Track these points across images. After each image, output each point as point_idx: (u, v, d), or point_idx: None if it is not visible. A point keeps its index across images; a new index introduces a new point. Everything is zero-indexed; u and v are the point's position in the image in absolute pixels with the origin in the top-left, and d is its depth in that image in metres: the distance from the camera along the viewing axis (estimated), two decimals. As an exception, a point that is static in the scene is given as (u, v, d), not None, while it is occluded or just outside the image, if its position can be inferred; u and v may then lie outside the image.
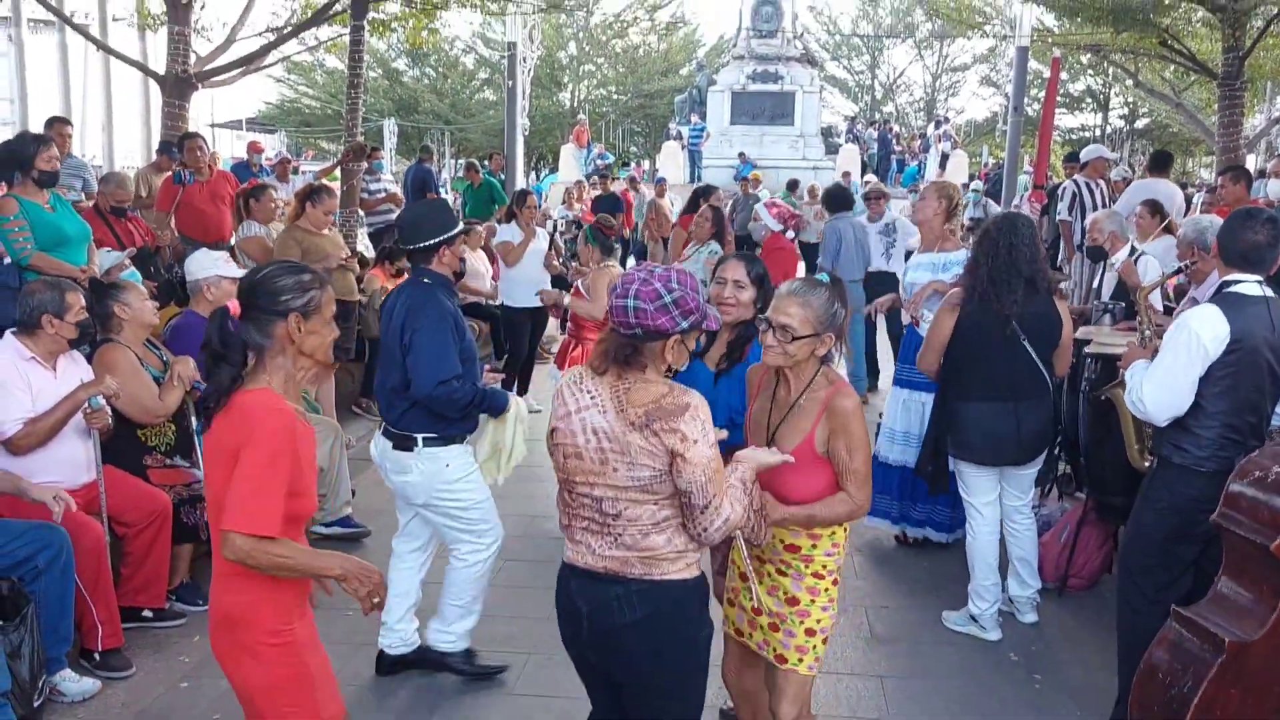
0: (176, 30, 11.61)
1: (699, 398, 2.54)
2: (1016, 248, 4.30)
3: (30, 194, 5.44)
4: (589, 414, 2.54)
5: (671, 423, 2.45)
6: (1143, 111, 34.79)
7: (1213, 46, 15.65)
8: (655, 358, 2.55)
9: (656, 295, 2.48)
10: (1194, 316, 3.42)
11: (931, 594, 4.97)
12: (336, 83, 33.61)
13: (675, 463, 2.45)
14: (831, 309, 2.91)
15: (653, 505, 2.52)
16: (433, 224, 3.90)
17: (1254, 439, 3.46)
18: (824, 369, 2.98)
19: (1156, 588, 3.60)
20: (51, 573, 3.76)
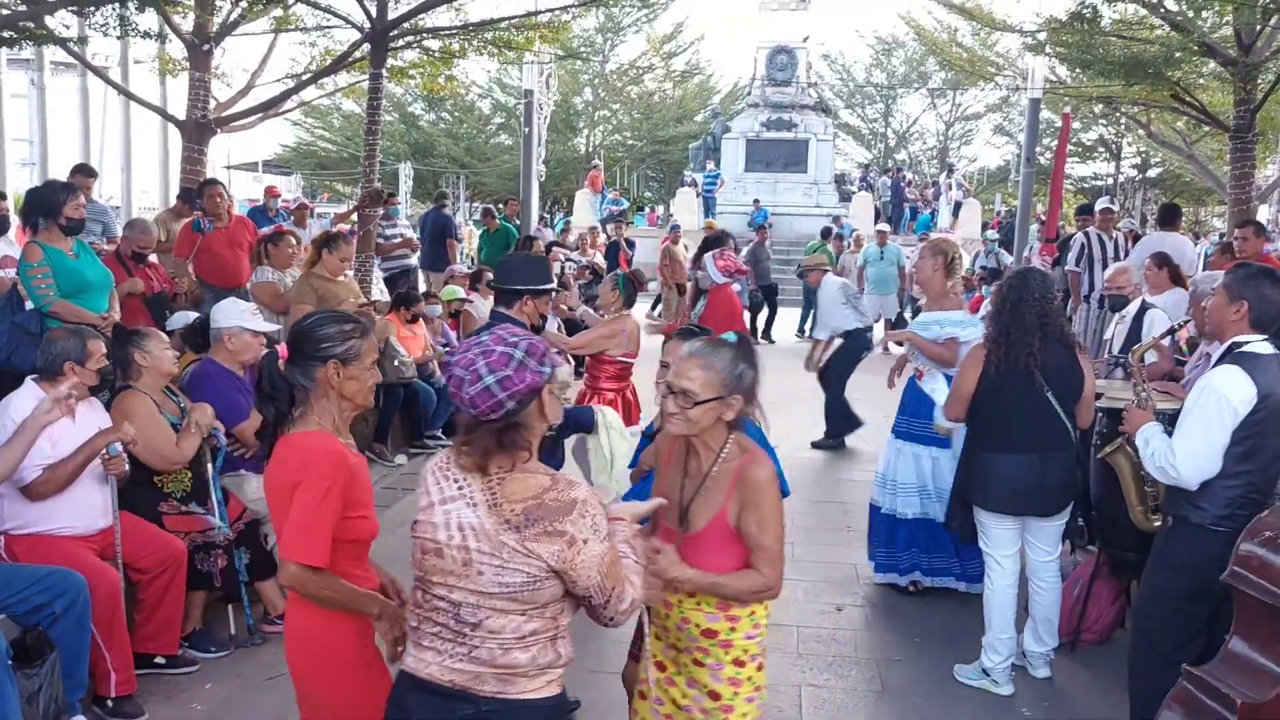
0: (197, 76, 11.82)
1: (587, 490, 2.28)
2: (1025, 301, 4.36)
3: (55, 240, 5.52)
4: (455, 507, 2.25)
5: (557, 524, 2.19)
6: (1155, 160, 34.90)
7: (1224, 99, 15.77)
8: (534, 423, 2.29)
9: (507, 358, 2.23)
10: (1219, 380, 3.43)
11: (943, 647, 4.94)
12: (353, 126, 34.04)
13: (565, 572, 2.21)
14: (736, 370, 2.70)
15: (520, 617, 2.24)
16: (524, 275, 4.35)
17: (1271, 497, 3.47)
18: (735, 436, 2.77)
19: (1172, 647, 3.59)
20: (68, 619, 3.79)
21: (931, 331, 5.42)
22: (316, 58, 13.81)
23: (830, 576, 5.85)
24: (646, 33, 38.64)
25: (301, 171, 39.49)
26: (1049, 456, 4.38)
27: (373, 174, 11.11)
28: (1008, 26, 16.97)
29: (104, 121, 24.06)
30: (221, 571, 4.65)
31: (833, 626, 5.18)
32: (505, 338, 2.29)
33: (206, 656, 4.61)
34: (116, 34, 8.63)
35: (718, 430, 2.75)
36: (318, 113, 34.83)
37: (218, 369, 5.07)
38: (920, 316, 5.72)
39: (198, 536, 4.62)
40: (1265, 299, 3.50)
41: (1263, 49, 13.31)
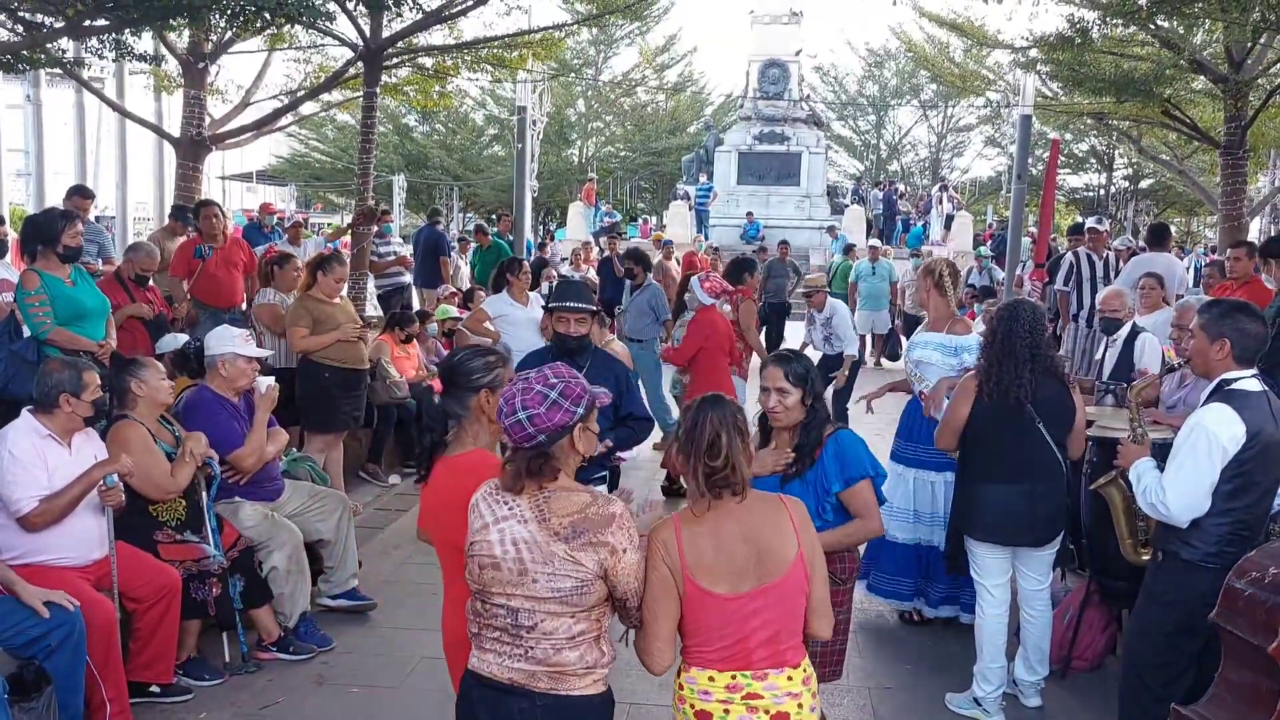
0: (192, 94, 11.86)
1: (621, 506, 2.57)
2: (1015, 334, 4.39)
3: (52, 268, 5.55)
4: (508, 525, 2.53)
5: (600, 535, 2.49)
6: (1146, 171, 35.06)
7: (1215, 115, 15.87)
8: (566, 456, 2.57)
9: (541, 398, 2.51)
10: (1209, 418, 3.45)
11: (935, 674, 4.96)
12: (347, 137, 34.08)
13: (608, 576, 2.51)
14: None
15: (569, 619, 2.52)
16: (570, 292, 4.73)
17: (1261, 531, 3.51)
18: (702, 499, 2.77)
19: (1162, 682, 3.62)
20: (64, 651, 3.80)
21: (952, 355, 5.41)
22: (310, 74, 13.86)
23: (823, 601, 5.86)
24: (640, 45, 38.80)
25: (295, 182, 39.51)
26: (1039, 487, 4.41)
27: (366, 192, 11.15)
28: (999, 43, 17.07)
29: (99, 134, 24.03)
30: (216, 599, 4.67)
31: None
32: (548, 377, 2.56)
33: (201, 685, 4.61)
34: (112, 57, 8.66)
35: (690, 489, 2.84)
36: (312, 124, 34.88)
37: (212, 396, 5.08)
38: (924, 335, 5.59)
39: (192, 565, 4.62)
40: (1245, 333, 3.54)
41: (1253, 66, 13.42)
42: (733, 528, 2.67)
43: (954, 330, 5.47)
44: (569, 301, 4.62)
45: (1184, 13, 11.14)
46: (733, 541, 2.66)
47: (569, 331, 4.58)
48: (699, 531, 2.66)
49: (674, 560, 2.63)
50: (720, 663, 2.67)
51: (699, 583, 2.64)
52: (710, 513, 2.68)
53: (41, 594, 3.83)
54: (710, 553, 2.65)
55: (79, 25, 7.69)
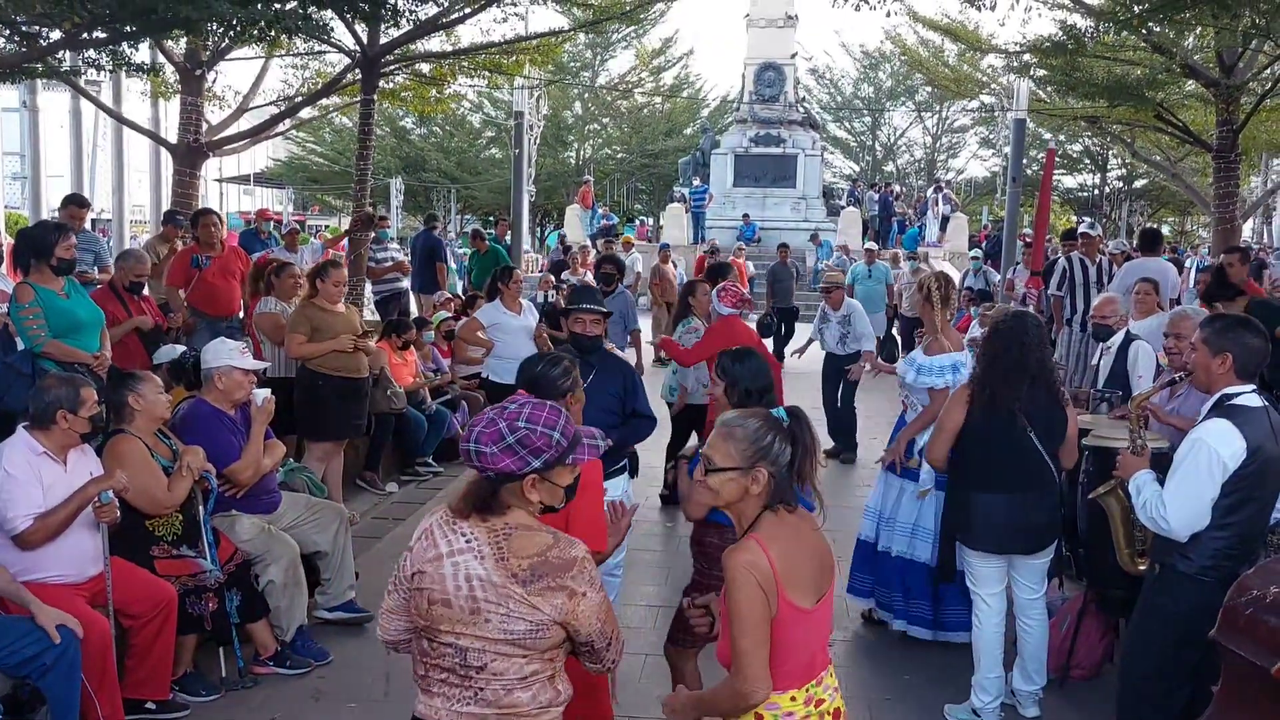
0: (189, 100, 11.85)
1: (583, 549, 2.46)
2: (1027, 347, 4.40)
3: (46, 280, 5.54)
4: (464, 560, 2.41)
5: (559, 579, 2.38)
6: (1140, 171, 35.13)
7: (1207, 118, 15.91)
8: (517, 499, 2.44)
9: (499, 436, 2.39)
10: (1210, 434, 3.46)
11: (933, 686, 4.96)
12: (344, 140, 34.05)
13: (567, 622, 2.40)
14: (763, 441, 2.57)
15: (521, 659, 2.41)
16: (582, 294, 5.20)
17: (1259, 544, 3.52)
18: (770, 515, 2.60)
19: (1159, 694, 3.63)
20: (59, 670, 3.79)
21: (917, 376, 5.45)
22: (308, 80, 13.86)
23: (821, 610, 5.87)
24: (636, 48, 38.81)
25: (293, 185, 39.50)
26: (1033, 496, 4.43)
27: (364, 197, 11.16)
28: (992, 47, 17.11)
29: (95, 138, 24.03)
30: (212, 614, 4.65)
31: (823, 663, 5.19)
32: (516, 419, 2.42)
33: (197, 700, 4.60)
34: (110, 68, 8.66)
35: (750, 505, 2.60)
36: (309, 127, 34.88)
37: (209, 409, 5.07)
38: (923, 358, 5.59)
39: (189, 580, 4.61)
40: (1247, 348, 3.54)
41: (1244, 70, 13.47)
42: (801, 538, 2.60)
43: (930, 348, 5.51)
44: (585, 304, 5.05)
45: (1175, 19, 11.16)
46: (804, 552, 2.58)
47: (585, 332, 4.96)
48: (783, 547, 2.53)
49: (770, 581, 2.47)
50: (800, 679, 2.60)
51: (792, 600, 2.51)
52: (784, 526, 2.57)
53: (56, 617, 3.83)
54: (796, 567, 2.53)
55: (77, 38, 7.69)
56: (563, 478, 2.49)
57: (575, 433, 2.51)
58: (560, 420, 2.48)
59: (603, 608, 2.46)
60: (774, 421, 2.61)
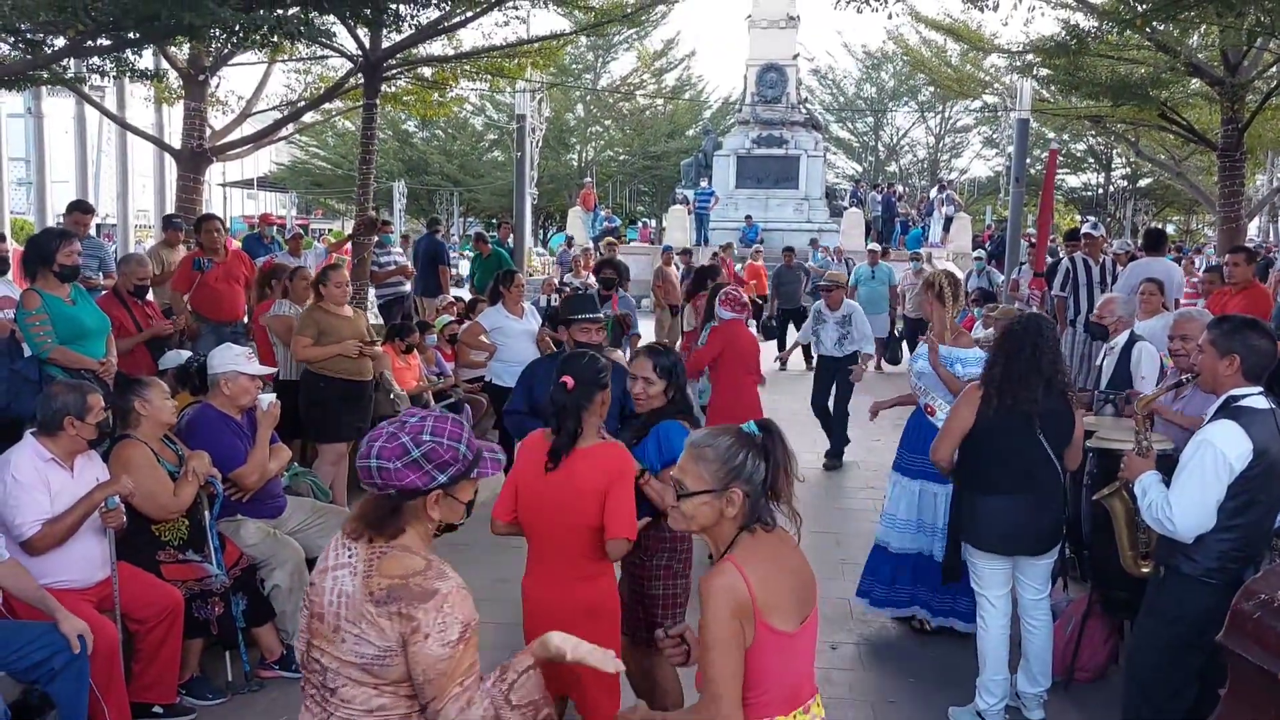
0: (192, 106, 11.89)
1: (451, 586, 2.29)
2: (1041, 349, 4.38)
3: (52, 287, 5.58)
4: (340, 574, 2.33)
5: (409, 607, 2.23)
6: (1144, 171, 35.10)
7: (1212, 117, 15.90)
8: (417, 518, 2.35)
9: (402, 451, 2.29)
10: (1216, 436, 3.46)
11: (938, 688, 4.96)
12: (347, 144, 34.13)
13: (408, 654, 2.25)
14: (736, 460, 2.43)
15: (371, 689, 2.29)
16: (579, 304, 5.16)
17: (1264, 547, 3.52)
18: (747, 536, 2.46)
19: (1164, 697, 3.63)
20: (67, 675, 3.80)
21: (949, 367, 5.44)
22: (311, 85, 13.89)
23: (824, 612, 5.84)
24: (638, 49, 38.85)
25: (296, 189, 39.59)
26: (1040, 499, 4.43)
27: (367, 201, 11.19)
28: (995, 47, 17.10)
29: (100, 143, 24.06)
30: (218, 619, 4.67)
31: (827, 666, 5.19)
32: (421, 432, 2.33)
33: (204, 704, 4.62)
34: (113, 74, 8.70)
35: (726, 528, 2.46)
36: (312, 131, 34.98)
37: (215, 414, 5.09)
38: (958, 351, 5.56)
39: (195, 584, 4.63)
40: (1255, 350, 3.55)
41: (1249, 69, 13.46)
42: (781, 558, 2.46)
43: (957, 343, 5.48)
44: (585, 314, 5.08)
45: (1180, 18, 11.16)
46: (784, 573, 2.45)
47: (591, 340, 4.97)
48: (762, 569, 2.39)
49: (747, 607, 2.34)
50: (784, 707, 2.46)
51: (772, 624, 2.37)
52: (762, 547, 2.44)
53: (78, 626, 3.84)
54: (775, 589, 2.39)
55: (81, 45, 7.72)
56: (465, 493, 2.41)
57: (479, 447, 2.44)
58: (464, 433, 2.39)
59: (439, 666, 2.24)
60: (745, 437, 2.46)
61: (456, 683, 2.27)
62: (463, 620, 2.27)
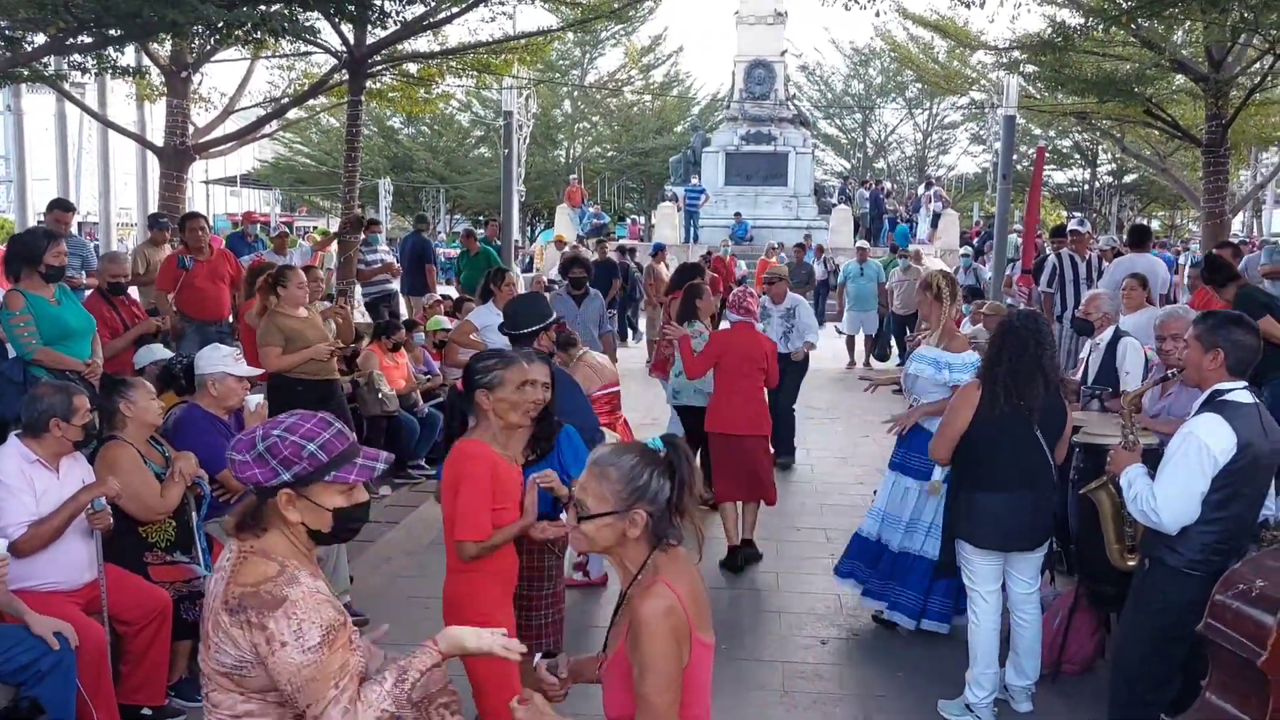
0: (175, 103, 11.83)
1: (301, 592, 2.22)
2: (1044, 347, 4.41)
3: (37, 288, 5.54)
4: (217, 578, 2.31)
5: (260, 616, 2.18)
6: (1130, 167, 35.27)
7: (1196, 113, 15.98)
8: (277, 519, 2.31)
9: (250, 444, 2.28)
10: (1201, 428, 3.50)
11: (928, 682, 4.97)
12: (332, 141, 34.02)
13: (265, 667, 2.20)
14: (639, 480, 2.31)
15: (237, 695, 2.25)
16: (530, 315, 4.85)
17: (1247, 539, 3.55)
18: (660, 556, 2.35)
19: (1149, 688, 3.66)
20: (54, 678, 3.78)
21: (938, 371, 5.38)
22: (295, 81, 13.83)
23: (814, 609, 5.89)
24: (625, 46, 38.82)
25: (280, 187, 39.43)
26: (1037, 494, 4.46)
27: (352, 200, 11.15)
28: (982, 44, 17.15)
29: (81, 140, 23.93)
30: (208, 620, 4.65)
31: (816, 661, 5.21)
32: (273, 427, 2.32)
33: (193, 705, 4.59)
34: (95, 71, 8.64)
35: (633, 548, 2.34)
36: (296, 128, 34.86)
37: (202, 415, 5.07)
38: (922, 350, 5.57)
39: (183, 586, 4.61)
40: (1238, 345, 3.58)
41: (1233, 65, 13.53)
42: (694, 572, 2.39)
43: (951, 347, 5.42)
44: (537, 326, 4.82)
45: (1164, 15, 11.21)
46: (699, 587, 2.39)
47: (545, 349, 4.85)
48: (687, 586, 2.32)
49: (684, 627, 2.27)
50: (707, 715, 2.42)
51: (702, 638, 2.32)
52: (677, 563, 2.36)
53: (51, 624, 3.82)
54: (698, 603, 2.34)
55: (62, 42, 7.67)
56: (326, 498, 2.32)
57: (345, 450, 2.34)
58: (325, 434, 2.32)
59: (302, 671, 2.18)
60: (650, 455, 2.35)
61: (331, 685, 2.21)
62: (321, 624, 2.21)
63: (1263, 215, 29.22)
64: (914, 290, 11.76)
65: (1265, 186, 25.91)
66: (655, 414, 9.89)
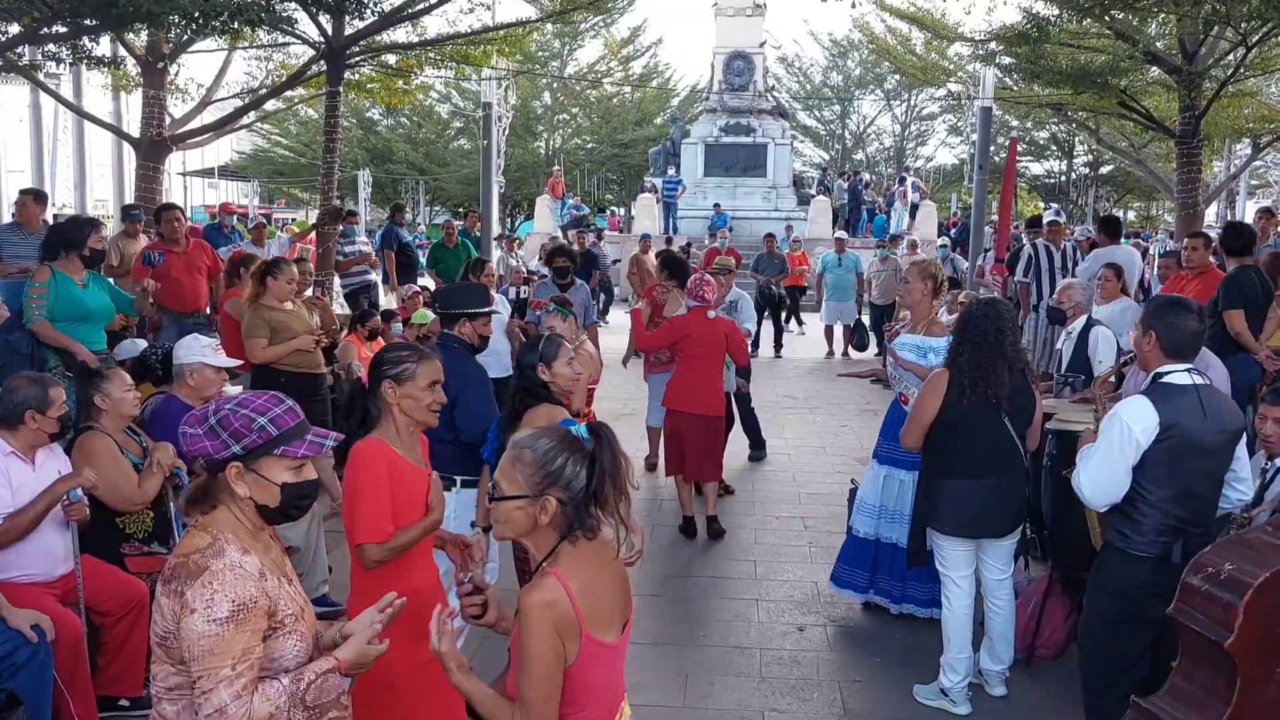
0: (151, 94, 11.74)
1: (224, 564, 2.24)
2: (1003, 333, 4.46)
3: (71, 269, 5.87)
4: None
5: (182, 584, 2.21)
6: (1106, 158, 35.51)
7: (1170, 105, 16.12)
8: (227, 494, 2.34)
9: (203, 418, 2.34)
10: (1125, 408, 3.60)
11: (903, 666, 5.04)
12: (310, 132, 33.79)
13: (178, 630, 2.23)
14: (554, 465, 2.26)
15: (170, 666, 2.28)
16: (459, 300, 4.89)
17: (1195, 525, 3.59)
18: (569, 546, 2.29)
19: (1113, 670, 3.72)
20: (30, 669, 3.78)
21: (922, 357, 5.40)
22: (272, 72, 13.76)
23: (792, 595, 5.94)
24: (604, 37, 38.76)
25: (258, 178, 39.14)
26: (1005, 481, 4.51)
27: (331, 191, 11.10)
28: (959, 36, 17.22)
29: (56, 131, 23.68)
30: (186, 611, 4.65)
31: (795, 648, 5.26)
32: (225, 404, 2.36)
33: (172, 696, 4.60)
34: (70, 61, 8.57)
35: (543, 536, 2.29)
36: (274, 120, 34.59)
37: (180, 405, 5.03)
38: (903, 338, 5.61)
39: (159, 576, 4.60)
40: (1172, 327, 3.65)
41: (1206, 57, 13.66)
42: (604, 567, 2.32)
43: (931, 332, 5.46)
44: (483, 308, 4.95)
45: (1137, 6, 11.30)
46: (607, 583, 2.32)
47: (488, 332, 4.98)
48: (585, 580, 2.24)
49: (571, 623, 2.19)
50: (605, 717, 2.35)
51: (596, 636, 2.24)
52: (584, 558, 2.28)
53: (28, 616, 3.82)
54: (599, 601, 2.26)
55: (36, 32, 7.61)
56: (274, 472, 2.35)
57: (296, 426, 2.39)
58: (276, 410, 2.37)
59: (201, 641, 2.17)
60: (568, 441, 2.29)
61: (228, 665, 2.19)
62: (234, 600, 2.20)
63: (1236, 206, 29.49)
64: (893, 280, 11.84)
65: (1238, 177, 26.12)
66: (634, 405, 9.92)
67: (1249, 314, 6.73)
